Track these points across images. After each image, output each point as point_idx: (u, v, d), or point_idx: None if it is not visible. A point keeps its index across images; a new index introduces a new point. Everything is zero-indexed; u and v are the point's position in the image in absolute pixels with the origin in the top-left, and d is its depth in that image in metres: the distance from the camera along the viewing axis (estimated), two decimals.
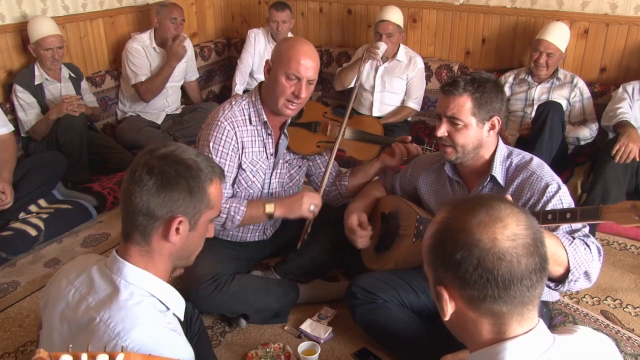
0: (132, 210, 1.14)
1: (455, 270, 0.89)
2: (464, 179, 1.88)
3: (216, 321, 2.17)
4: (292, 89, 1.94)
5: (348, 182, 2.29)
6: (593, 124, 3.11)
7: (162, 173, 1.12)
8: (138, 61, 3.58)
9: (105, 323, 1.06)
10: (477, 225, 0.89)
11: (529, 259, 0.88)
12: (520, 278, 0.87)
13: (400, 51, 3.62)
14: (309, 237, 2.29)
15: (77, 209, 2.96)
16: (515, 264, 0.87)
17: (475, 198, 0.96)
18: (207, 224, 1.23)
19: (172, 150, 1.17)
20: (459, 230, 0.90)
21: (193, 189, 1.14)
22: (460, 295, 0.91)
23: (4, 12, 3.27)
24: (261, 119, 2.05)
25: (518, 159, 1.79)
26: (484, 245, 0.87)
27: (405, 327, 1.89)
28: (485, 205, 0.92)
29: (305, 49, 1.95)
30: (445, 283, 0.93)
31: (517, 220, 0.90)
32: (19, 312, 2.26)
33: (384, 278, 1.96)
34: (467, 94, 1.70)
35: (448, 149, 1.78)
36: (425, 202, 2.02)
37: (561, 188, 1.68)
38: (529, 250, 0.88)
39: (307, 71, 1.94)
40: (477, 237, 0.88)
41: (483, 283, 0.87)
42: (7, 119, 3.00)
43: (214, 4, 4.74)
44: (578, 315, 2.18)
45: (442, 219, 0.95)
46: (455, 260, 0.89)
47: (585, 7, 3.31)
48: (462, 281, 0.89)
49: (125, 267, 1.14)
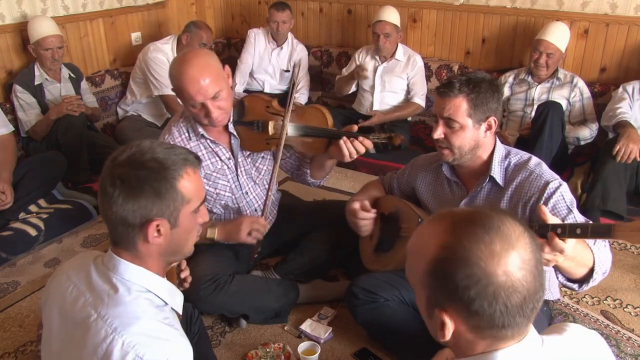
0: (110, 221, 1.14)
1: (464, 303, 0.85)
2: (462, 179, 1.87)
3: (216, 321, 2.17)
4: (203, 112, 1.89)
5: (309, 171, 2.23)
6: (593, 124, 3.11)
7: (124, 182, 1.10)
8: (163, 72, 3.47)
9: (103, 319, 1.07)
10: (489, 257, 0.83)
11: (535, 283, 0.86)
12: (527, 303, 0.85)
13: (399, 50, 3.62)
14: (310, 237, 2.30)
15: (77, 209, 2.96)
16: (526, 292, 0.85)
17: (480, 216, 0.88)
18: (191, 216, 1.19)
19: (133, 154, 1.13)
20: (468, 263, 0.84)
21: (160, 191, 1.11)
22: (463, 322, 0.87)
23: (4, 12, 3.27)
24: (198, 133, 2.01)
25: (516, 159, 1.78)
26: (498, 281, 0.83)
27: (407, 325, 1.89)
28: (494, 229, 0.85)
29: (190, 72, 1.81)
30: (446, 308, 0.88)
31: (524, 244, 0.86)
32: (19, 312, 2.26)
33: (385, 277, 1.96)
34: (462, 95, 1.69)
35: (445, 151, 1.77)
36: (424, 203, 2.01)
37: (562, 184, 1.67)
38: (534, 274, 0.86)
39: (203, 93, 1.82)
40: (490, 272, 0.83)
41: (495, 314, 0.84)
42: (7, 119, 3.00)
43: (214, 4, 4.74)
44: (578, 315, 2.18)
45: (447, 244, 0.86)
46: (467, 296, 0.84)
47: (585, 7, 3.31)
48: (471, 313, 0.85)
49: (121, 264, 1.15)
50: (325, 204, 2.55)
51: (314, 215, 2.38)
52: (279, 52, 4.02)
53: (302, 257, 2.28)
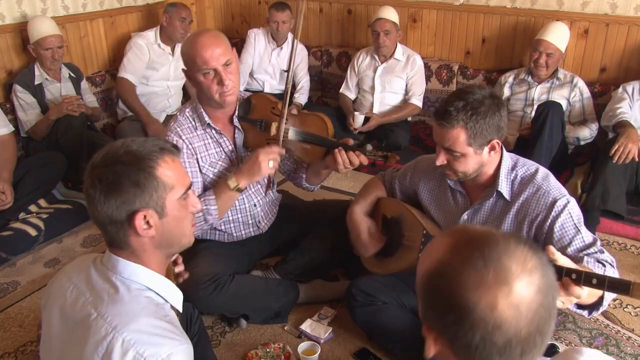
0: (99, 223, 1.15)
1: (446, 328, 0.79)
2: (467, 189, 1.83)
3: (216, 321, 2.17)
4: (215, 81, 1.91)
5: (305, 176, 2.24)
6: (593, 124, 3.11)
7: (102, 180, 1.11)
8: (134, 58, 3.58)
9: (103, 317, 1.07)
10: (476, 285, 0.75)
11: (531, 327, 0.76)
12: (514, 346, 0.76)
13: (398, 50, 3.62)
14: (310, 237, 2.30)
15: (77, 209, 2.96)
16: (513, 335, 0.75)
17: (482, 238, 0.81)
18: (179, 204, 1.18)
19: (107, 152, 1.14)
20: (454, 286, 0.77)
21: (139, 181, 1.11)
22: (448, 346, 0.81)
23: (4, 12, 3.27)
24: (204, 122, 2.03)
25: (523, 171, 1.73)
26: (480, 313, 0.75)
27: (405, 329, 1.89)
28: (493, 258, 0.77)
29: (203, 41, 1.88)
30: (431, 327, 0.83)
31: (528, 282, 0.76)
32: (19, 312, 2.26)
33: (384, 280, 1.96)
34: (459, 126, 1.60)
35: (449, 173, 1.75)
36: (426, 209, 1.98)
37: (569, 202, 1.64)
38: (533, 318, 0.76)
39: (216, 59, 1.87)
40: (473, 302, 0.75)
41: (471, 346, 0.77)
42: (7, 119, 3.00)
43: (214, 4, 4.74)
44: (578, 316, 2.18)
45: (442, 260, 0.81)
46: (447, 320, 0.78)
47: (585, 7, 3.31)
48: (451, 337, 0.79)
49: (120, 262, 1.15)
50: (325, 204, 2.55)
51: (314, 215, 2.38)
52: (279, 52, 4.02)
53: (302, 257, 2.28)
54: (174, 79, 3.74)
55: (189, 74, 1.96)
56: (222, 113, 2.05)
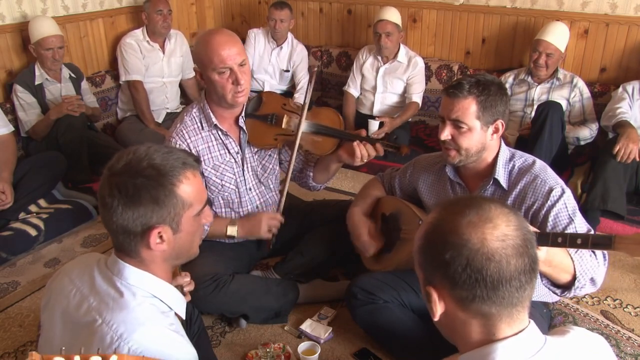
0: (111, 230, 1.13)
1: (445, 270, 0.89)
2: (466, 181, 1.86)
3: (216, 321, 2.17)
4: (230, 80, 1.91)
5: (312, 174, 2.27)
6: (593, 124, 3.11)
7: (121, 191, 1.08)
8: (131, 57, 3.63)
9: (108, 325, 1.06)
10: (466, 225, 0.89)
11: (519, 260, 0.88)
12: (509, 279, 0.88)
13: (401, 52, 3.62)
14: (310, 237, 2.30)
15: (77, 209, 2.96)
16: (504, 265, 0.87)
17: (465, 199, 0.97)
18: (193, 220, 1.17)
19: (130, 161, 1.11)
20: (448, 230, 0.91)
21: (159, 199, 1.09)
22: (450, 295, 0.91)
23: (4, 12, 3.27)
24: (211, 123, 2.03)
25: (521, 162, 1.77)
26: (472, 245, 0.87)
27: (405, 328, 1.89)
28: (475, 205, 0.92)
29: (220, 39, 1.89)
30: (434, 283, 0.93)
31: (507, 220, 0.90)
32: (19, 312, 2.26)
33: (384, 278, 1.96)
34: (472, 96, 1.67)
35: (451, 152, 1.76)
36: (426, 204, 2.00)
37: (565, 192, 1.67)
38: (519, 251, 0.88)
39: (233, 58, 1.88)
40: (466, 237, 0.88)
41: (472, 283, 0.87)
42: (7, 119, 3.00)
43: (214, 4, 4.74)
44: (578, 316, 2.18)
45: (432, 220, 0.95)
46: (444, 261, 0.89)
47: (585, 7, 3.31)
48: (451, 281, 0.89)
49: (126, 269, 1.14)
50: (325, 204, 2.55)
51: (313, 215, 2.38)
52: (278, 52, 4.02)
53: (301, 256, 2.28)
54: (168, 75, 3.79)
55: (200, 72, 1.96)
56: (229, 113, 2.06)
